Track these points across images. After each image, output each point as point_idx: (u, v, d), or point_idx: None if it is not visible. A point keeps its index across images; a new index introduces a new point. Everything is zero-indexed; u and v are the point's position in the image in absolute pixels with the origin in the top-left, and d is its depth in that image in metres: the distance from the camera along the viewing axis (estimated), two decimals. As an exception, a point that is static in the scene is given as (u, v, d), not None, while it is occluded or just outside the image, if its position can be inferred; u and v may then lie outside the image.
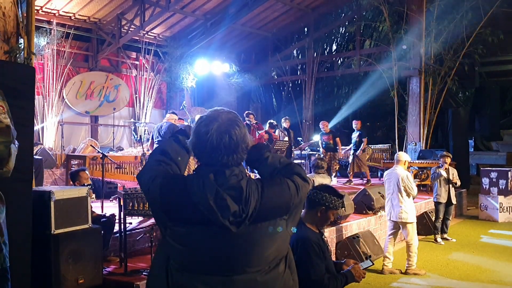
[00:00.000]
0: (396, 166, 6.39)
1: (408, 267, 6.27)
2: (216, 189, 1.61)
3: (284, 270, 1.75)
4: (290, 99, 16.81)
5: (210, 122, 1.67)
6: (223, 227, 1.60)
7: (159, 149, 1.84)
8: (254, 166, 1.87)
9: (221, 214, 1.59)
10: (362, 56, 14.55)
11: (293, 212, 1.73)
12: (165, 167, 1.74)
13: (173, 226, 1.67)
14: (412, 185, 6.23)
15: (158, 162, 1.76)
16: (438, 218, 8.28)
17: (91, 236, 4.10)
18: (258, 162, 1.85)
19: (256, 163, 1.85)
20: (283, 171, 1.79)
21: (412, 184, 6.25)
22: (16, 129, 3.48)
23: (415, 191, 6.28)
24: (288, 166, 1.82)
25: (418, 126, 12.27)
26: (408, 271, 6.24)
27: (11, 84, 3.45)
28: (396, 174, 6.28)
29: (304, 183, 1.77)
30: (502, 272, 6.39)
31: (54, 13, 11.18)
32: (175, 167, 1.77)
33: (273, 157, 1.85)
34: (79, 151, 9.75)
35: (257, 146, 1.86)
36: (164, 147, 1.83)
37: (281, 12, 14.42)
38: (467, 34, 11.82)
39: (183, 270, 1.68)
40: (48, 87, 11.04)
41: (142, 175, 1.76)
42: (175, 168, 1.77)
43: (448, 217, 8.42)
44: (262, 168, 1.84)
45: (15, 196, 3.45)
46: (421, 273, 6.22)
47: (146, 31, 12.78)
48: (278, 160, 1.84)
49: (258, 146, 1.86)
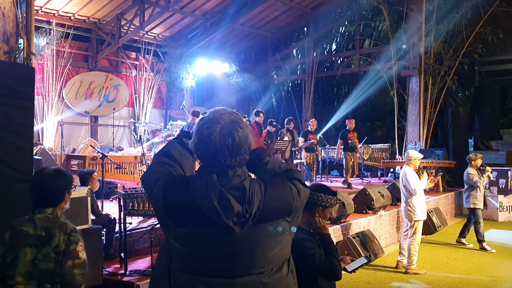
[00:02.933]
0: (405, 164, 6.47)
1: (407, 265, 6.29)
2: (220, 190, 1.59)
3: (287, 273, 1.75)
4: (290, 99, 16.80)
5: (213, 123, 1.65)
6: (226, 228, 1.59)
7: (163, 151, 1.84)
8: (253, 171, 1.86)
9: (225, 215, 1.58)
10: (362, 55, 14.55)
11: (295, 215, 1.73)
12: (169, 169, 1.73)
13: (175, 227, 1.65)
14: (410, 184, 6.20)
15: (161, 164, 1.75)
16: (479, 224, 7.62)
17: (91, 236, 4.09)
18: (258, 166, 1.84)
19: (256, 168, 1.85)
20: (283, 176, 1.78)
21: (411, 183, 6.21)
22: (16, 130, 3.49)
23: (413, 189, 6.19)
24: (288, 171, 1.81)
25: (418, 125, 12.27)
26: (408, 270, 6.26)
27: (11, 84, 3.45)
28: (402, 173, 6.43)
29: (304, 188, 1.77)
30: (502, 271, 6.40)
31: (54, 13, 11.18)
32: (179, 169, 1.76)
33: (273, 162, 1.85)
34: (79, 151, 9.75)
35: (257, 150, 1.85)
36: (168, 149, 1.83)
37: (280, 12, 14.41)
38: (467, 34, 11.82)
39: (185, 272, 1.67)
40: (48, 87, 11.05)
41: (146, 178, 1.76)
42: (179, 170, 1.76)
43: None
44: (262, 173, 1.83)
45: (15, 196, 3.45)
46: (421, 272, 6.22)
47: (146, 31, 12.78)
48: (278, 166, 1.84)
49: (259, 151, 1.85)
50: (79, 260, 2.45)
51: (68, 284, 2.42)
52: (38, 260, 2.39)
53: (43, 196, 2.52)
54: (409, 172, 6.29)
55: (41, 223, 2.45)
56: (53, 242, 2.41)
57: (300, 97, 15.99)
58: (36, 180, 2.61)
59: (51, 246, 2.40)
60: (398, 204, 8.56)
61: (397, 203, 8.55)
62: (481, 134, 15.97)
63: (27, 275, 2.38)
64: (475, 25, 11.70)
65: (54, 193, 2.53)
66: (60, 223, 2.48)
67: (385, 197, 7.98)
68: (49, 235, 2.42)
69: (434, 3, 11.83)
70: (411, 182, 6.22)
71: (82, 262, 2.47)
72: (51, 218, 2.49)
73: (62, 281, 2.42)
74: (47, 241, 2.41)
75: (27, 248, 2.41)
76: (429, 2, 11.91)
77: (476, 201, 7.61)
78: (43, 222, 2.46)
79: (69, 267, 2.41)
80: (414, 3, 12.14)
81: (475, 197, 7.61)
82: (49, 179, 2.54)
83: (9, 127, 3.43)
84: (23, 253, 2.40)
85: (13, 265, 2.40)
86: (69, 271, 2.41)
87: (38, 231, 2.43)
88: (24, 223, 2.47)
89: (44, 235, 2.42)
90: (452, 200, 10.74)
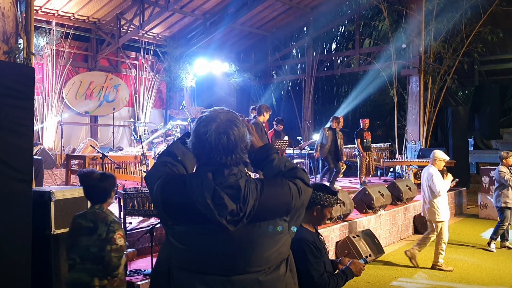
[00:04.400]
0: (429, 164, 6.46)
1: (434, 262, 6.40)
2: (214, 188, 1.61)
3: (285, 272, 1.75)
4: (290, 98, 16.80)
5: (209, 122, 1.68)
6: (221, 226, 1.60)
7: (166, 151, 1.87)
8: (259, 167, 1.87)
9: (218, 213, 1.59)
10: (362, 55, 14.54)
11: (295, 215, 1.73)
12: (171, 168, 1.76)
13: (173, 225, 1.69)
14: (436, 185, 6.19)
15: (164, 164, 1.79)
16: (503, 225, 7.45)
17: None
18: (264, 163, 1.85)
19: (262, 164, 1.86)
20: (287, 174, 1.79)
21: (436, 184, 6.18)
22: (16, 130, 3.49)
23: (438, 190, 6.20)
24: (292, 170, 1.81)
25: (417, 125, 12.27)
26: (434, 266, 6.38)
27: (11, 84, 3.45)
28: (425, 173, 6.43)
29: (306, 187, 1.77)
30: (502, 271, 6.40)
31: (53, 13, 11.18)
32: (182, 168, 1.79)
33: (279, 160, 1.85)
34: (79, 151, 9.75)
35: (265, 147, 1.86)
36: (171, 148, 1.86)
37: (280, 12, 14.41)
38: (467, 33, 11.82)
39: (183, 269, 1.69)
40: (48, 87, 11.05)
41: (148, 177, 1.79)
42: (181, 169, 1.79)
43: (510, 222, 7.56)
44: (267, 170, 1.84)
45: (15, 196, 3.45)
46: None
47: (146, 31, 12.78)
48: (283, 164, 1.84)
49: (266, 147, 1.86)
50: (116, 245, 3.02)
51: (107, 265, 3.00)
52: (89, 245, 3.02)
53: (93, 196, 3.17)
54: (434, 172, 6.27)
55: (90, 217, 3.10)
56: (98, 231, 3.03)
57: (300, 97, 15.99)
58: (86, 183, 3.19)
59: (96, 234, 3.03)
60: (398, 204, 8.58)
61: (397, 203, 8.56)
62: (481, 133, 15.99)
63: (83, 257, 3.03)
64: (474, 25, 11.70)
65: (101, 192, 3.15)
66: (103, 216, 3.10)
67: (385, 196, 7.98)
68: (95, 226, 3.05)
69: (433, 2, 11.83)
70: (437, 183, 6.20)
71: (118, 247, 3.03)
72: (98, 212, 3.11)
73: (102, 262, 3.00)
74: (94, 230, 3.04)
75: (82, 236, 3.06)
76: (428, 2, 11.91)
77: (508, 200, 7.39)
78: (91, 215, 3.11)
79: (108, 251, 2.99)
80: (414, 3, 12.14)
81: (507, 195, 7.39)
82: (96, 181, 3.14)
83: (9, 127, 3.43)
84: (79, 241, 3.06)
85: (73, 250, 3.08)
86: (107, 254, 2.99)
87: (88, 223, 3.07)
88: (80, 217, 3.15)
89: (92, 226, 3.06)
90: (452, 200, 10.73)
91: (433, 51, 12.06)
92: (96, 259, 3.01)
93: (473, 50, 12.11)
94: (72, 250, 3.10)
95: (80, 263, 3.03)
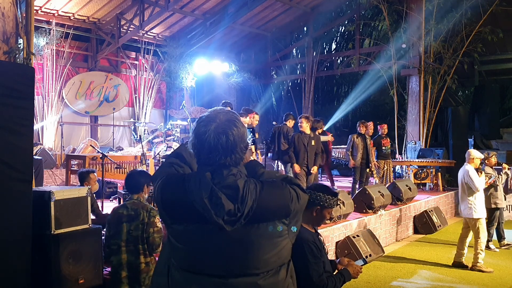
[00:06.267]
0: (466, 163, 6.52)
1: (474, 263, 6.37)
2: (211, 188, 1.61)
3: (286, 277, 1.73)
4: (290, 98, 16.80)
5: (209, 122, 1.68)
6: (218, 226, 1.60)
7: (174, 152, 1.90)
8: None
9: (215, 212, 1.59)
10: (362, 55, 14.54)
11: (294, 219, 1.72)
12: (177, 169, 1.78)
13: (172, 224, 1.70)
14: (474, 183, 6.26)
15: (170, 165, 1.81)
16: (493, 225, 7.49)
17: (91, 236, 4.08)
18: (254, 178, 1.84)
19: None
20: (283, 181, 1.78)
21: (474, 181, 6.26)
22: (16, 130, 3.49)
23: (475, 187, 6.27)
24: (286, 178, 1.81)
25: (417, 124, 12.27)
26: (473, 267, 6.34)
27: (11, 84, 3.45)
28: (462, 171, 6.48)
29: (303, 194, 1.76)
30: (503, 271, 6.40)
31: (53, 13, 11.18)
32: (188, 169, 1.80)
33: (268, 173, 1.85)
34: (79, 151, 9.74)
35: (251, 163, 1.86)
36: (179, 150, 1.89)
37: (280, 12, 14.41)
38: (467, 33, 11.82)
39: (181, 269, 1.70)
40: (48, 87, 11.04)
41: (154, 177, 1.82)
42: (188, 171, 1.80)
43: (502, 221, 7.68)
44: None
45: (15, 196, 3.45)
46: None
47: (146, 31, 12.78)
48: (274, 175, 1.84)
49: (252, 164, 1.86)
50: (157, 227, 3.64)
51: (151, 244, 3.63)
52: (132, 230, 3.63)
53: (131, 187, 3.80)
54: (471, 170, 6.36)
55: (131, 206, 3.71)
56: (140, 217, 3.63)
57: (300, 97, 15.98)
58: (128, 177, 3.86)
59: (139, 220, 3.62)
60: (398, 204, 8.58)
61: (397, 203, 8.56)
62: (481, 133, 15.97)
63: (126, 241, 3.63)
64: (474, 24, 11.70)
65: (138, 185, 3.78)
66: (143, 205, 3.72)
67: (385, 196, 7.97)
68: (136, 213, 3.65)
69: (433, 2, 11.83)
70: (475, 180, 6.30)
71: (159, 229, 3.64)
72: (137, 202, 3.73)
73: (147, 242, 3.63)
74: (136, 217, 3.64)
75: (124, 223, 3.65)
76: (428, 2, 11.91)
77: (498, 201, 7.44)
78: (132, 205, 3.71)
79: (151, 233, 3.62)
80: (414, 3, 12.14)
81: (496, 196, 7.44)
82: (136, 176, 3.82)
83: (9, 127, 3.43)
84: (122, 227, 3.64)
85: (115, 236, 3.66)
86: (151, 235, 3.62)
87: (129, 212, 3.68)
88: (120, 208, 3.76)
89: (133, 214, 3.65)
90: (452, 200, 10.74)
91: (433, 51, 12.06)
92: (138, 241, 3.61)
93: (473, 50, 12.10)
94: (115, 237, 3.66)
95: (125, 246, 3.62)
